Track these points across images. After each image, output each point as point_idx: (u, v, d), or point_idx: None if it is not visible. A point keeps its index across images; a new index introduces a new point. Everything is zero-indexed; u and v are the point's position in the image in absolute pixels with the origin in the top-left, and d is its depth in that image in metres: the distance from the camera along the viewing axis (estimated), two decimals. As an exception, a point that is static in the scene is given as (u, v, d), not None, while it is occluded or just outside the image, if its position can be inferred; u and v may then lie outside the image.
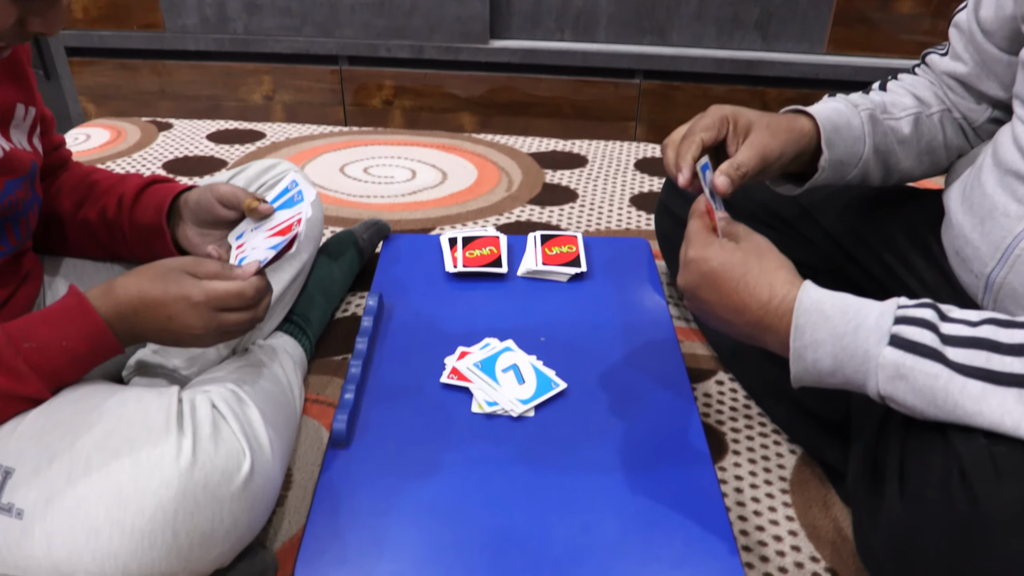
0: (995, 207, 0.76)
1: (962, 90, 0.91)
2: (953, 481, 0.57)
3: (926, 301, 0.63)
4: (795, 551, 0.83)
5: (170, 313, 0.71)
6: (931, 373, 0.59)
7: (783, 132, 0.83)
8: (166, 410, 0.69)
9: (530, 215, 1.56)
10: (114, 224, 0.88)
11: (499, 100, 2.07)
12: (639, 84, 2.02)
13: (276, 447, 0.76)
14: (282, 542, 0.82)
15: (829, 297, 0.66)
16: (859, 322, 0.63)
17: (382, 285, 1.16)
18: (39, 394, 0.69)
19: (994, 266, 0.76)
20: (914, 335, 0.60)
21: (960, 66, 0.89)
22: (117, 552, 0.63)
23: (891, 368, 0.60)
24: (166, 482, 0.64)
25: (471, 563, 0.75)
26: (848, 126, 0.88)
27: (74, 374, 0.72)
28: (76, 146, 1.88)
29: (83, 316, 0.70)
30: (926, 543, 0.57)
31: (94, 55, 2.11)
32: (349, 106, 2.11)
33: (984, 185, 0.79)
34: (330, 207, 1.57)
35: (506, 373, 0.97)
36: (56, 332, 0.69)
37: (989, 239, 0.76)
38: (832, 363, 0.64)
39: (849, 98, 0.92)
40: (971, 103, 0.91)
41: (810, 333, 0.65)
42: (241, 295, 0.73)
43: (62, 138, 0.94)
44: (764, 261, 0.71)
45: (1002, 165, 0.77)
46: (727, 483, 0.91)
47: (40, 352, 0.68)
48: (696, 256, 0.73)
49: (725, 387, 1.07)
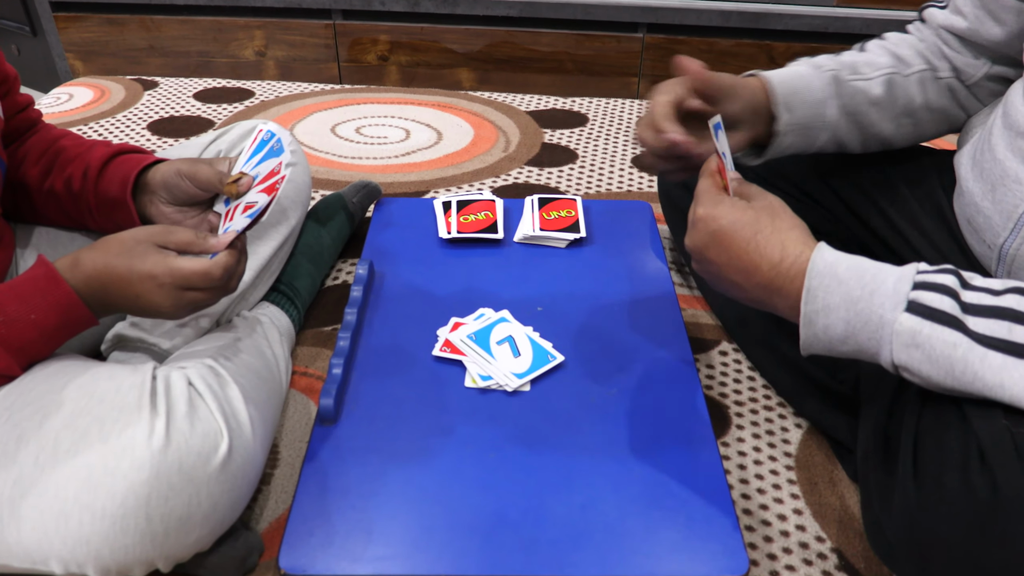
0: (1006, 173, 0.72)
1: (959, 44, 0.87)
2: (972, 465, 0.53)
3: (948, 267, 0.59)
4: (800, 530, 0.80)
5: (137, 292, 0.69)
6: (949, 342, 0.55)
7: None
8: (139, 388, 0.66)
9: (528, 177, 1.51)
10: (79, 196, 0.84)
11: (498, 55, 2.00)
12: (642, 38, 1.95)
13: (257, 425, 0.73)
14: (268, 522, 0.80)
15: (844, 260, 0.62)
16: (875, 287, 0.59)
17: (373, 252, 1.12)
18: (9, 370, 0.66)
19: (1006, 236, 0.72)
20: (933, 301, 0.57)
21: (959, 20, 0.85)
22: (88, 538, 0.60)
23: (907, 335, 0.57)
24: (138, 464, 0.61)
25: (463, 546, 0.72)
26: (808, 88, 0.85)
27: (46, 348, 0.69)
28: (58, 106, 1.82)
29: (52, 287, 0.67)
30: (941, 530, 0.54)
31: (80, 10, 2.04)
32: (344, 62, 2.05)
33: (995, 149, 0.74)
34: (320, 169, 1.52)
35: (501, 345, 0.93)
36: (24, 305, 0.66)
37: (1000, 207, 0.72)
38: (844, 329, 0.61)
39: (814, 60, 0.88)
40: (968, 58, 0.87)
41: (822, 297, 0.61)
42: (207, 275, 0.69)
43: (29, 98, 0.89)
44: (777, 220, 0.67)
45: (1013, 128, 0.73)
46: (730, 459, 0.88)
47: (8, 326, 0.65)
48: (705, 214, 0.70)
49: (729, 358, 1.03)
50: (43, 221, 0.89)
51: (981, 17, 0.83)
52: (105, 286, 0.68)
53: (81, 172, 0.83)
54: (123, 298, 0.69)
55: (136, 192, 0.82)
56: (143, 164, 0.82)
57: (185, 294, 0.70)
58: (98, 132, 1.69)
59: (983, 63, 0.86)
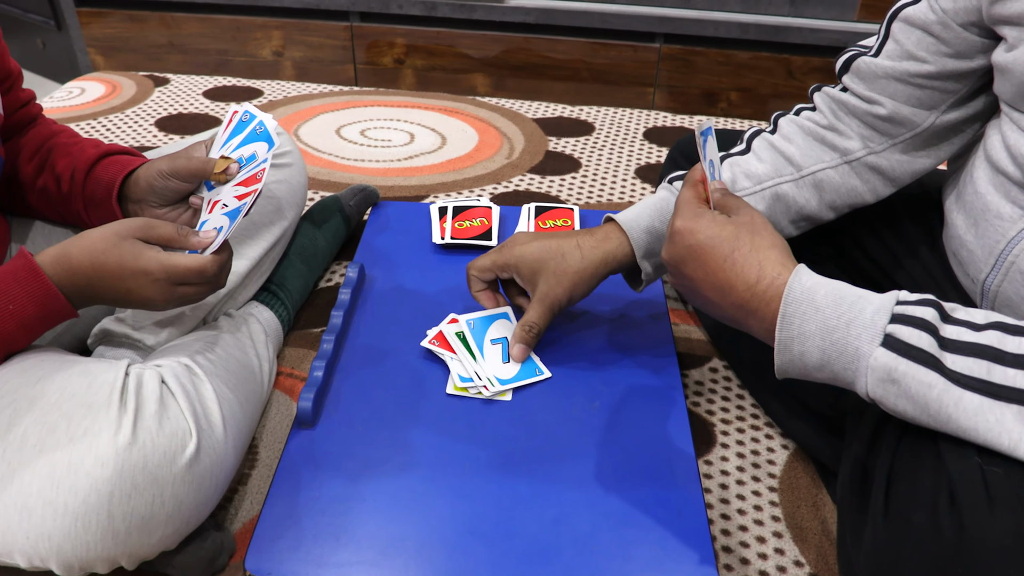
0: (987, 207, 0.70)
1: (905, 92, 0.78)
2: (941, 504, 0.51)
3: (929, 298, 0.57)
4: (778, 554, 0.78)
5: (128, 287, 0.69)
6: (925, 382, 0.53)
7: (571, 274, 0.86)
8: (110, 385, 0.65)
9: (529, 184, 1.50)
10: (68, 197, 0.84)
11: (514, 61, 2.00)
12: (659, 48, 1.94)
13: (230, 425, 0.73)
14: (242, 523, 0.79)
15: (823, 286, 0.60)
16: (852, 317, 0.57)
17: (365, 255, 1.12)
18: None
19: (988, 272, 0.70)
20: (910, 337, 0.54)
21: (914, 64, 0.76)
22: (51, 533, 0.60)
23: (882, 371, 0.55)
24: (101, 461, 0.61)
25: (431, 557, 0.71)
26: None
27: (24, 339, 0.69)
28: (69, 100, 1.84)
29: (31, 278, 0.67)
30: (906, 569, 0.52)
31: (103, 5, 2.07)
32: (360, 64, 2.06)
33: (976, 183, 0.72)
34: (321, 171, 1.52)
35: (495, 345, 0.92)
36: (3, 296, 0.66)
37: (983, 242, 0.70)
38: (820, 358, 0.59)
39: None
40: (915, 107, 0.79)
41: (798, 324, 0.59)
42: (202, 272, 0.70)
43: (31, 93, 0.90)
44: (756, 238, 0.65)
45: (992, 163, 0.70)
46: (712, 478, 0.86)
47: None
48: (683, 227, 0.68)
49: (719, 375, 1.01)
50: (39, 217, 0.90)
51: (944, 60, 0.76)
52: (92, 280, 0.69)
53: (69, 174, 0.84)
54: (112, 291, 0.70)
55: (123, 199, 0.82)
56: (127, 169, 0.82)
57: (177, 288, 0.71)
58: (106, 127, 1.71)
59: (932, 113, 0.79)
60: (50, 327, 0.70)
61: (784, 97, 1.95)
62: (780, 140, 0.86)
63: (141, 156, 0.87)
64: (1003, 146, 0.69)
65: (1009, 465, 0.51)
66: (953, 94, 0.77)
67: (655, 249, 0.86)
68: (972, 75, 0.76)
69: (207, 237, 0.72)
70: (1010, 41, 0.67)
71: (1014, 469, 0.51)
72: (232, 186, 0.77)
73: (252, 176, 0.75)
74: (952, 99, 0.78)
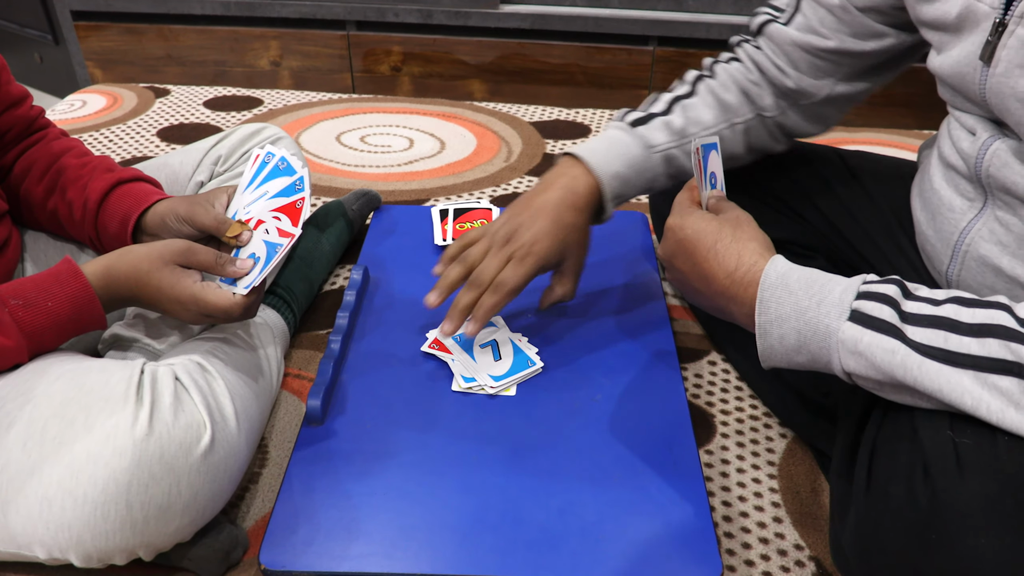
0: (942, 202, 0.75)
1: (808, 62, 0.89)
2: (916, 475, 0.54)
3: (893, 278, 0.61)
4: (779, 538, 0.80)
5: (163, 307, 0.76)
6: (888, 348, 0.57)
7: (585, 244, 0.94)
8: (127, 380, 0.67)
9: (528, 186, 1.52)
10: (80, 224, 0.87)
11: (509, 67, 2.02)
12: (653, 51, 1.96)
13: (243, 420, 0.75)
14: (255, 520, 0.81)
15: (796, 271, 0.64)
16: (822, 297, 0.61)
17: (369, 258, 1.14)
18: (18, 350, 0.68)
19: (948, 263, 0.74)
20: (873, 310, 0.58)
21: (817, 39, 0.86)
22: (71, 523, 0.62)
23: (850, 343, 0.59)
24: (119, 452, 0.62)
25: (441, 546, 0.73)
26: (640, 174, 0.92)
27: (52, 339, 0.71)
28: (71, 112, 1.86)
29: (72, 280, 0.71)
30: (887, 541, 0.55)
31: (100, 19, 2.09)
32: (357, 73, 2.08)
33: (932, 179, 0.77)
34: (322, 177, 1.55)
35: (484, 348, 0.94)
36: (43, 293, 0.70)
37: (941, 236, 0.75)
38: (797, 339, 0.62)
39: (647, 134, 0.92)
40: (812, 79, 0.89)
41: (775, 308, 0.63)
42: (228, 313, 0.75)
43: (24, 92, 0.89)
44: (738, 231, 0.70)
45: (943, 159, 0.75)
46: (713, 467, 0.88)
47: (25, 309, 0.68)
48: (674, 223, 0.74)
49: (717, 367, 1.03)
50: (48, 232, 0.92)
51: (843, 38, 0.85)
52: (131, 296, 0.75)
53: (81, 202, 0.86)
54: (147, 305, 0.77)
55: (137, 230, 0.85)
56: (142, 205, 0.84)
57: (205, 317, 0.76)
58: (109, 139, 1.73)
59: (828, 83, 0.89)
60: (79, 333, 0.73)
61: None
62: (720, 88, 0.94)
63: (152, 181, 0.89)
64: (950, 142, 0.74)
65: (979, 435, 0.54)
66: (847, 67, 0.88)
67: (621, 192, 0.93)
68: (865, 56, 0.86)
69: (243, 267, 0.77)
70: (935, 45, 0.73)
71: (983, 439, 0.53)
72: (269, 211, 0.80)
73: (290, 205, 0.79)
74: (845, 72, 0.88)
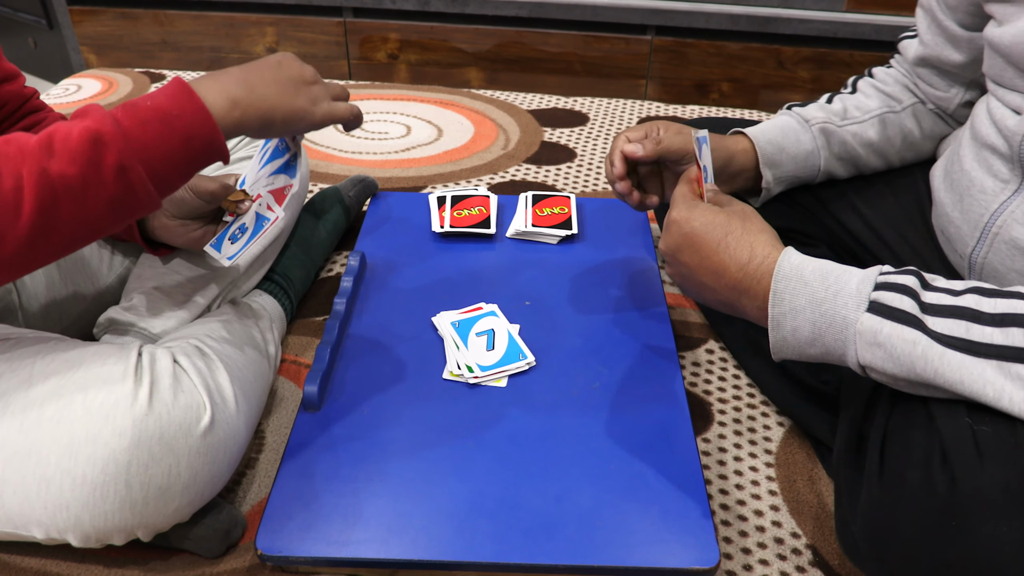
0: (972, 183, 0.74)
1: (930, 75, 0.89)
2: (934, 462, 0.54)
3: (910, 269, 0.61)
4: (776, 526, 0.81)
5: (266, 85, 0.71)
6: (909, 340, 0.56)
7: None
8: (125, 362, 0.67)
9: (525, 174, 1.52)
10: None
11: (507, 55, 2.01)
12: (651, 40, 1.95)
13: (242, 402, 0.74)
14: (251, 505, 0.81)
15: (810, 263, 0.63)
16: (839, 288, 0.60)
17: (366, 244, 1.13)
18: (116, 136, 0.58)
19: (974, 246, 0.73)
20: (893, 301, 0.58)
21: (924, 49, 0.87)
22: (69, 503, 0.62)
23: (869, 335, 0.58)
24: (119, 432, 0.62)
25: (438, 533, 0.73)
26: (796, 143, 0.90)
27: (174, 166, 0.62)
28: (66, 97, 1.85)
29: (172, 84, 0.63)
30: (902, 526, 0.54)
31: (95, 3, 2.07)
32: (354, 60, 2.07)
33: (962, 160, 0.76)
34: (319, 163, 1.54)
35: (480, 337, 0.94)
36: (170, 114, 0.61)
37: (968, 217, 0.74)
38: (811, 331, 0.62)
39: (803, 111, 0.92)
40: (941, 90, 0.89)
41: (789, 299, 0.62)
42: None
43: (16, 70, 0.87)
44: (747, 223, 0.69)
45: (978, 139, 0.75)
46: (710, 455, 0.88)
47: (124, 108, 0.61)
48: (679, 217, 0.72)
49: (715, 356, 1.03)
50: None
51: (940, 44, 0.85)
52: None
53: None
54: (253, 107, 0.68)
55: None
56: None
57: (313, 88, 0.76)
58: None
59: (956, 92, 0.89)
60: (196, 165, 0.65)
61: (775, 87, 1.97)
62: (880, 83, 0.94)
63: None
64: (990, 122, 0.73)
65: (997, 424, 0.54)
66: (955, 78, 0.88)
67: (776, 160, 0.91)
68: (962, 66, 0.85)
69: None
70: (998, 17, 0.71)
71: (1002, 427, 0.53)
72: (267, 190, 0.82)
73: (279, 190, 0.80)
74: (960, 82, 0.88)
